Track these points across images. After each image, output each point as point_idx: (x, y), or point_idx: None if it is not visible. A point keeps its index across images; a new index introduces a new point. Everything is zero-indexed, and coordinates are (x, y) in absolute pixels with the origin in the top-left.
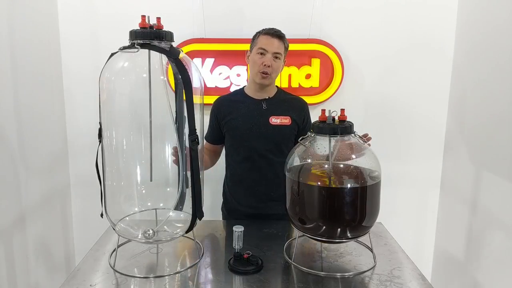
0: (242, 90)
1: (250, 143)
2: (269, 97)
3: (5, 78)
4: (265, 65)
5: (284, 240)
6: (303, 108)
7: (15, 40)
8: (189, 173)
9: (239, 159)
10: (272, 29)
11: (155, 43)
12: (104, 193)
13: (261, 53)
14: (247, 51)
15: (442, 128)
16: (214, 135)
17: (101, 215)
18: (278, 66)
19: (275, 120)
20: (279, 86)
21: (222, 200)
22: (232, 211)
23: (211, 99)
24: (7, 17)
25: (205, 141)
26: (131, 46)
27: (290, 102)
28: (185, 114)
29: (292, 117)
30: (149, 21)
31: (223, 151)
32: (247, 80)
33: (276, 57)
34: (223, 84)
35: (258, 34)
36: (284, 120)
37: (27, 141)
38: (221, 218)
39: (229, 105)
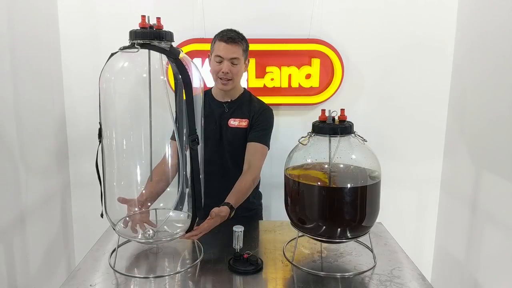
0: (210, 91)
1: (212, 144)
2: (231, 99)
3: (5, 78)
4: (223, 72)
5: (284, 240)
6: (259, 112)
7: (15, 40)
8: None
9: (205, 159)
10: (228, 33)
11: (155, 43)
12: (104, 193)
13: (219, 61)
14: (209, 52)
15: (442, 128)
16: None
17: (101, 215)
18: (238, 71)
19: (233, 123)
20: (246, 88)
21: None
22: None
23: None
24: (7, 17)
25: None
26: (131, 46)
27: (252, 106)
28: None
29: (250, 120)
30: (149, 21)
31: None
32: (246, 80)
33: (233, 63)
34: None
35: (215, 38)
36: (242, 123)
37: (27, 141)
38: None
39: None
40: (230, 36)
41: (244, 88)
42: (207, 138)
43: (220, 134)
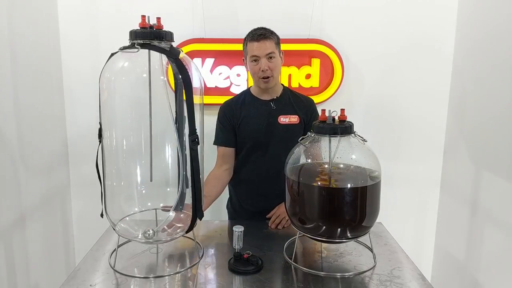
0: (249, 92)
1: (261, 143)
2: (276, 97)
3: (5, 78)
4: (262, 70)
5: (284, 240)
6: (310, 106)
7: (15, 40)
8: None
9: (249, 159)
10: (256, 32)
11: (155, 43)
12: (104, 193)
13: (255, 60)
14: (243, 57)
15: (442, 128)
16: (231, 137)
17: (101, 215)
18: (276, 64)
19: (284, 120)
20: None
21: (224, 200)
22: (237, 210)
23: (211, 99)
24: (7, 17)
25: (219, 148)
26: (131, 46)
27: (297, 100)
28: (185, 114)
29: (300, 115)
30: (149, 21)
31: None
32: (247, 80)
33: (270, 57)
34: (223, 84)
35: (246, 41)
36: (293, 119)
37: (27, 141)
38: (222, 218)
39: (241, 108)
40: (260, 34)
41: (281, 83)
42: (253, 139)
43: (271, 133)
